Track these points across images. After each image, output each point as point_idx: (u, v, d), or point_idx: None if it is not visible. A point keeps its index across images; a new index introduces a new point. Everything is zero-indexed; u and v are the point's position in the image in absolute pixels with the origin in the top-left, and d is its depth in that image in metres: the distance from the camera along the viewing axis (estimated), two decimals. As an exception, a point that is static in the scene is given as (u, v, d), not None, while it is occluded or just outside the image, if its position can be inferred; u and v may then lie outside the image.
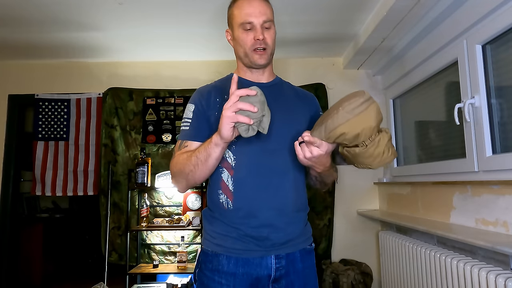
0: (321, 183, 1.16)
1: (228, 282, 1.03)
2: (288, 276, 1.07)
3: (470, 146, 1.74)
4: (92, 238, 4.28)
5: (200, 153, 0.99)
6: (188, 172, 1.02)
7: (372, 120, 0.91)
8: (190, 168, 1.01)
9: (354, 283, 2.43)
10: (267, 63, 1.14)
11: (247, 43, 1.10)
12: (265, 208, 1.04)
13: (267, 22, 1.09)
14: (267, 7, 1.12)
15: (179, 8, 2.15)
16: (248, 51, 1.11)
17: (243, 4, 1.11)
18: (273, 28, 1.13)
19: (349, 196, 2.87)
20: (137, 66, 3.01)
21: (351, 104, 0.91)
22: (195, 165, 1.00)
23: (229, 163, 1.07)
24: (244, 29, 1.10)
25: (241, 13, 1.10)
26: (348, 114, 0.91)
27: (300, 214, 1.13)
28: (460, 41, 1.82)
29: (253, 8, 1.09)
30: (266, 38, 1.09)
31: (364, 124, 0.91)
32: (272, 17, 1.13)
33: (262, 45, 1.09)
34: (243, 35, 1.10)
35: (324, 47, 2.80)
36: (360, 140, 0.93)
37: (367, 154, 0.96)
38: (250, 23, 1.08)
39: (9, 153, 2.94)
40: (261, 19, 1.08)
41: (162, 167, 2.85)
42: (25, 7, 2.12)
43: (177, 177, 1.08)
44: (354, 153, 0.97)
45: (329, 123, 0.93)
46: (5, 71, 3.00)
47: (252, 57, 1.11)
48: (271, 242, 1.04)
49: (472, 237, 1.49)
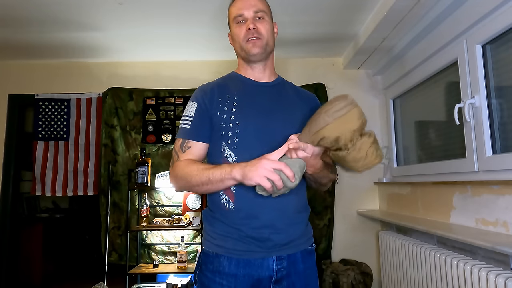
0: (316, 183, 1.16)
1: (229, 284, 1.03)
2: (290, 277, 1.06)
3: (470, 146, 1.74)
4: (92, 238, 4.28)
5: (213, 176, 0.98)
6: (194, 185, 1.02)
7: (352, 124, 0.92)
8: (198, 183, 1.01)
9: (354, 283, 2.43)
10: (261, 52, 1.13)
11: (240, 35, 1.12)
12: (266, 209, 1.04)
13: (259, 12, 1.12)
14: (259, 1, 1.14)
15: (179, 8, 2.15)
16: (242, 43, 1.12)
17: (237, 2, 1.15)
18: (267, 20, 1.13)
19: (349, 196, 2.87)
20: (137, 66, 3.01)
21: (332, 108, 0.92)
22: (204, 184, 1.00)
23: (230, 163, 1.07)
24: (237, 22, 1.13)
25: (234, 9, 1.14)
26: (329, 117, 0.92)
27: (301, 215, 1.12)
28: (460, 41, 1.81)
29: (245, 2, 1.12)
30: (259, 28, 1.10)
31: (343, 127, 0.91)
32: (266, 8, 1.15)
33: (254, 34, 1.10)
34: (236, 29, 1.13)
35: (324, 47, 2.80)
36: (341, 144, 0.93)
37: (350, 158, 0.96)
38: (241, 15, 1.12)
39: (9, 153, 2.94)
40: (251, 10, 1.11)
41: (162, 167, 2.85)
42: (25, 7, 2.12)
43: (179, 181, 1.07)
44: (337, 157, 0.98)
45: (312, 126, 0.94)
46: (5, 71, 3.00)
47: (246, 48, 1.12)
48: (272, 243, 1.04)
49: (472, 237, 1.49)
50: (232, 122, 1.07)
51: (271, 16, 1.18)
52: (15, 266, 3.06)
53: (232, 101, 1.10)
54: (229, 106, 1.09)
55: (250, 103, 1.11)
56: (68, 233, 4.60)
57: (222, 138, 1.08)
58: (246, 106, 1.10)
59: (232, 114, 1.08)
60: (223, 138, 1.08)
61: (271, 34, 1.14)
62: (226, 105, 1.10)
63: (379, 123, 2.94)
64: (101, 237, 2.79)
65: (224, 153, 1.07)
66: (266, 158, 0.93)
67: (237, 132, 1.07)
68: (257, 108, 1.11)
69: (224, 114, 1.08)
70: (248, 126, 1.07)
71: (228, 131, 1.07)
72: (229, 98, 1.11)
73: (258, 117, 1.09)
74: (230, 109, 1.09)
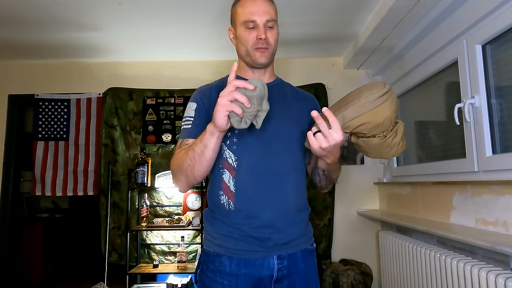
0: (327, 178, 1.14)
1: (230, 283, 1.03)
2: (290, 276, 1.07)
3: (470, 146, 1.74)
4: (92, 238, 4.28)
5: (196, 145, 0.97)
6: (186, 167, 1.00)
7: (393, 111, 0.93)
8: (188, 163, 0.99)
9: (354, 283, 2.43)
10: (268, 62, 1.13)
11: (249, 41, 1.09)
12: (266, 209, 1.04)
13: (270, 22, 1.09)
14: (271, 7, 1.11)
15: (179, 8, 2.15)
16: (250, 50, 1.10)
17: (247, 3, 1.10)
18: (276, 28, 1.12)
19: (349, 196, 2.87)
20: (137, 66, 3.01)
21: (373, 94, 0.91)
22: (192, 159, 0.98)
23: (230, 164, 1.07)
24: (247, 27, 1.09)
25: (244, 11, 1.09)
26: (371, 104, 0.91)
27: (301, 214, 1.12)
28: (460, 41, 1.81)
29: (257, 7, 1.08)
30: (269, 38, 1.09)
31: (386, 114, 0.92)
32: (276, 17, 1.12)
33: (264, 44, 1.08)
34: (245, 34, 1.09)
35: (324, 47, 2.80)
36: (380, 130, 0.94)
37: (385, 144, 0.97)
38: (253, 21, 1.07)
39: (9, 153, 2.94)
40: (264, 18, 1.07)
41: (162, 167, 2.85)
42: (25, 7, 2.12)
43: (177, 174, 1.06)
44: (370, 144, 0.98)
45: (349, 112, 0.92)
46: (5, 71, 3.00)
47: (254, 56, 1.10)
48: (273, 242, 1.04)
49: (472, 237, 1.49)
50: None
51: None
52: (15, 266, 3.06)
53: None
54: None
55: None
56: (68, 233, 4.60)
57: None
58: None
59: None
60: (222, 139, 1.07)
61: (277, 42, 1.13)
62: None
63: (379, 123, 2.93)
64: (101, 237, 2.79)
65: (223, 154, 1.08)
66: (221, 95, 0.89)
67: (236, 132, 1.07)
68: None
69: None
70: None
71: (227, 132, 1.06)
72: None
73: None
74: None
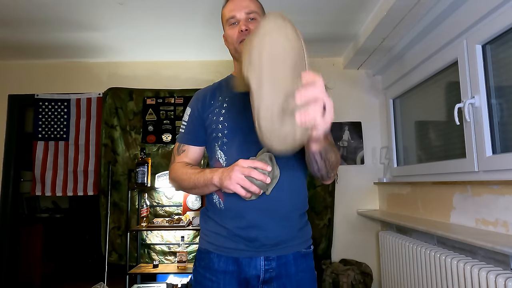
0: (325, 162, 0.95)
1: (218, 280, 1.04)
2: (280, 279, 1.05)
3: (470, 146, 1.74)
4: (92, 238, 4.28)
5: (198, 181, 1.02)
6: (184, 188, 1.10)
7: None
8: (187, 187, 1.08)
9: (354, 283, 2.43)
10: None
11: (233, 37, 1.11)
12: (252, 209, 1.02)
13: (251, 13, 1.10)
14: (250, 1, 1.13)
15: (179, 8, 2.15)
16: (235, 45, 1.11)
17: (228, 3, 1.15)
18: (259, 20, 1.11)
19: (349, 196, 2.87)
20: (137, 66, 3.01)
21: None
22: (193, 188, 1.06)
23: (221, 164, 1.07)
24: (230, 24, 1.12)
25: (225, 10, 1.15)
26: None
27: (294, 215, 1.08)
28: (460, 41, 1.82)
29: (235, 4, 1.12)
30: (251, 29, 1.08)
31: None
32: (258, 8, 1.13)
33: (247, 35, 1.07)
34: (229, 31, 1.12)
35: (324, 47, 2.80)
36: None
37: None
38: (233, 17, 1.11)
39: (9, 153, 2.94)
40: (243, 11, 1.10)
41: (162, 167, 2.85)
42: (25, 7, 2.12)
43: (174, 183, 1.14)
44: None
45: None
46: (5, 71, 3.00)
47: (239, 49, 1.09)
48: (260, 243, 1.03)
49: (472, 237, 1.49)
50: (221, 123, 1.09)
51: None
52: (15, 266, 3.06)
53: (222, 103, 1.12)
54: (219, 108, 1.11)
55: (239, 104, 1.10)
56: (68, 233, 4.60)
57: (214, 140, 1.10)
58: (235, 107, 1.10)
59: (221, 115, 1.10)
60: (215, 139, 1.10)
61: None
62: (216, 107, 1.12)
63: (379, 123, 2.94)
64: (101, 237, 2.79)
65: (216, 154, 1.09)
66: (237, 165, 0.90)
67: (226, 133, 1.07)
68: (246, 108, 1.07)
69: (215, 116, 1.10)
70: (235, 126, 1.07)
71: (218, 132, 1.08)
72: (220, 100, 1.13)
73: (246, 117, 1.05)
74: (220, 110, 1.10)
